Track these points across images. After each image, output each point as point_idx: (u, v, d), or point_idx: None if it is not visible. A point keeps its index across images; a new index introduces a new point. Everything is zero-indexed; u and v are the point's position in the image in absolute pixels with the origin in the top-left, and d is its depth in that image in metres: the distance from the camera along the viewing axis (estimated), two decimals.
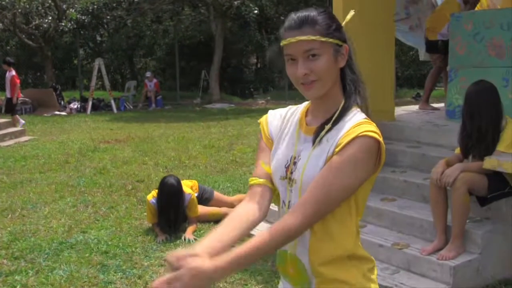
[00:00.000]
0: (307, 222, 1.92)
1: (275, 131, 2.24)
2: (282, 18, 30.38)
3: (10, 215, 7.31)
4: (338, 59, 2.04)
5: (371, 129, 1.96)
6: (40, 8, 27.61)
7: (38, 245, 6.11)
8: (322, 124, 2.06)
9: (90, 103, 21.68)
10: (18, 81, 16.41)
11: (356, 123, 1.99)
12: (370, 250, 5.26)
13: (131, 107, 23.40)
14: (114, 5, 27.65)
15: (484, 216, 5.19)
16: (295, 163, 2.09)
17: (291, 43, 2.00)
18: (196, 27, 30.76)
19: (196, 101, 24.96)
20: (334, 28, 2.03)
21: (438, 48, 8.54)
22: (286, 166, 2.11)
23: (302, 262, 2.08)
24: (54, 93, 22.59)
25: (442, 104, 9.34)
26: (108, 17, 29.00)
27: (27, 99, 21.81)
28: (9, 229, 6.74)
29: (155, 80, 24.01)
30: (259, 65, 34.47)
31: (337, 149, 1.96)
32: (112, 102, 22.05)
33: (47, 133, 15.29)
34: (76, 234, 6.47)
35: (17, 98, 16.60)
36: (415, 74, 29.51)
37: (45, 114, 20.63)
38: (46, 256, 5.81)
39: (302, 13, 2.04)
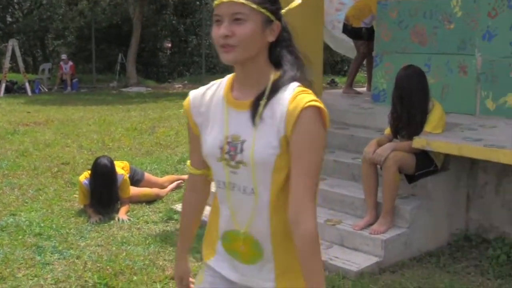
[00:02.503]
0: (315, 207, 2.01)
1: (201, 113, 2.19)
2: (198, 2, 30.41)
3: None
4: (266, 32, 2.02)
5: (311, 98, 1.96)
6: None
7: None
8: (256, 99, 2.03)
9: (3, 85, 21.09)
10: None
11: (293, 95, 1.97)
12: None
13: (46, 89, 22.91)
14: None
15: (410, 193, 5.46)
16: (228, 143, 2.06)
17: (222, 3, 1.98)
18: (112, 9, 30.36)
19: (112, 84, 24.69)
20: (269, 1, 2.02)
21: (362, 35, 8.81)
22: (221, 147, 2.08)
23: (256, 238, 2.10)
24: None
25: (364, 89, 9.68)
26: None
27: None
28: None
29: (70, 63, 23.54)
30: (174, 49, 34.32)
31: (289, 128, 1.96)
32: (27, 84, 21.53)
33: None
34: (5, 217, 6.36)
35: None
36: (328, 61, 30.16)
37: None
38: None
39: None
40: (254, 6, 1.98)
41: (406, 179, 5.33)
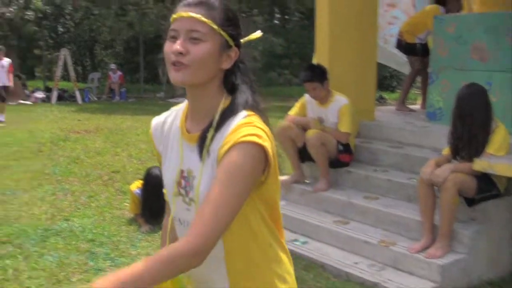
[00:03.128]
0: (207, 243, 1.70)
1: (160, 142, 2.06)
2: (243, 15, 30.48)
3: None
4: (223, 58, 1.87)
5: (251, 132, 1.76)
6: None
7: (24, 231, 6.09)
8: (203, 132, 1.87)
9: (55, 93, 21.45)
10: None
11: (234, 127, 1.79)
12: (354, 246, 5.41)
13: (95, 98, 23.24)
14: None
15: (470, 216, 5.29)
16: (184, 177, 1.92)
17: (181, 17, 1.83)
18: (160, 21, 30.60)
19: (159, 95, 24.89)
20: (230, 24, 1.88)
21: (417, 50, 8.70)
22: (177, 181, 1.94)
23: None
24: (19, 81, 22.31)
25: (417, 106, 9.55)
26: (71, 8, 28.72)
27: None
28: None
29: (119, 73, 23.88)
30: None
31: (218, 160, 1.78)
32: (77, 93, 21.86)
33: (14, 122, 15.11)
34: (60, 222, 6.45)
35: None
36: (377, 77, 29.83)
37: (10, 103, 20.30)
38: (33, 242, 5.80)
39: None
40: (215, 26, 1.83)
41: (465, 202, 5.17)
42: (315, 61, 7.27)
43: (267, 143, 1.78)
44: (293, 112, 6.77)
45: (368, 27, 7.24)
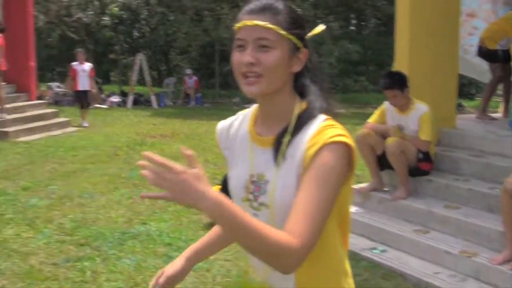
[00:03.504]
0: (307, 245, 1.63)
1: (227, 146, 2.03)
2: (319, 21, 30.44)
3: (68, 203, 7.43)
4: (293, 61, 1.83)
5: (337, 133, 1.75)
6: (82, 2, 27.94)
7: (101, 234, 6.20)
8: (279, 136, 1.83)
9: (131, 98, 21.84)
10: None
11: (318, 129, 1.77)
12: (435, 256, 5.29)
13: (171, 103, 23.57)
14: (157, 1, 27.88)
15: None
16: (253, 182, 1.88)
17: (246, 26, 1.79)
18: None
19: (235, 100, 25.02)
20: (297, 26, 1.83)
21: (498, 57, 8.47)
22: (245, 186, 1.90)
23: None
24: (96, 85, 22.79)
25: (499, 114, 9.29)
26: (146, 13, 29.25)
27: (68, 91, 22.06)
28: (70, 216, 6.85)
29: (194, 78, 24.16)
30: None
31: (305, 163, 1.74)
32: (153, 97, 22.20)
33: (91, 125, 15.44)
34: (137, 225, 6.55)
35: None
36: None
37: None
38: (110, 244, 5.90)
39: (267, 0, 1.84)
40: (283, 32, 1.79)
41: None
42: (395, 68, 7.18)
43: (352, 143, 1.76)
44: (372, 119, 6.72)
45: (449, 35, 7.14)
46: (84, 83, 15.81)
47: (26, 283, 4.99)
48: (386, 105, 6.61)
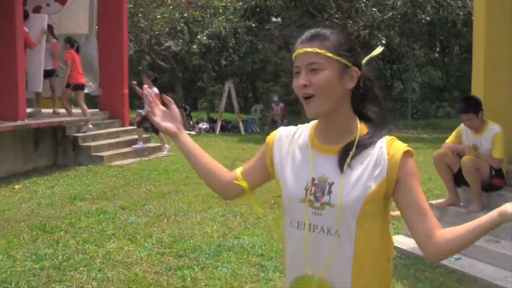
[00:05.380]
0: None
1: (280, 152, 2.26)
2: (406, 50, 30.41)
3: (165, 220, 7.84)
4: (345, 79, 2.05)
5: (404, 144, 2.10)
6: (172, 31, 28.81)
7: (198, 247, 6.58)
8: (346, 148, 2.08)
9: (219, 124, 22.39)
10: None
11: (388, 142, 2.09)
12: (505, 263, 5.67)
13: (258, 129, 23.98)
14: (245, 30, 28.50)
15: None
16: (315, 184, 2.09)
17: (299, 54, 2.06)
18: None
19: None
20: (344, 48, 2.06)
21: None
22: (306, 188, 2.11)
23: (332, 285, 2.08)
24: (184, 113, 23.46)
25: None
26: (234, 41, 29.88)
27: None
28: (167, 232, 7.25)
29: (281, 105, 24.57)
30: None
31: (394, 171, 2.05)
32: (240, 123, 22.69)
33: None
34: (231, 239, 6.91)
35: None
36: None
37: None
38: (207, 255, 6.27)
39: (316, 30, 2.10)
40: (330, 54, 2.03)
41: None
42: (472, 93, 7.48)
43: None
44: (449, 140, 7.12)
45: None
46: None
47: None
48: (462, 126, 7.00)
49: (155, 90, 14.34)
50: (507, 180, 6.86)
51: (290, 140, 2.25)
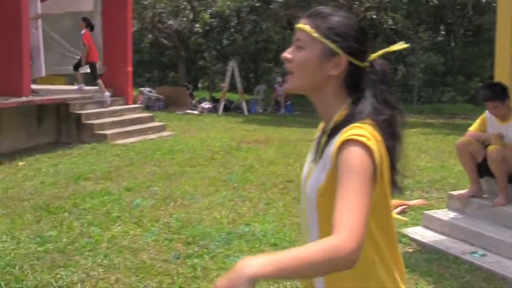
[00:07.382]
0: (355, 237, 1.67)
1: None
2: (411, 32, 30.12)
3: (172, 204, 7.61)
4: (327, 64, 1.92)
5: (358, 132, 1.80)
6: (175, 9, 28.51)
7: (208, 233, 6.33)
8: (319, 137, 2.01)
9: (222, 104, 22.14)
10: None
11: (345, 129, 1.84)
12: None
13: (261, 110, 23.76)
14: (249, 10, 28.18)
15: None
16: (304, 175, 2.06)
17: (295, 28, 2.00)
18: None
19: None
20: (336, 33, 1.92)
21: None
22: (304, 178, 2.06)
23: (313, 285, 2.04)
24: (187, 91, 23.24)
25: None
26: (236, 21, 29.60)
27: (160, 96, 22.63)
28: (174, 216, 7.01)
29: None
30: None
31: (333, 162, 1.83)
32: (244, 104, 22.44)
33: (185, 130, 15.78)
34: (241, 226, 6.66)
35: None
36: None
37: (177, 112, 21.19)
38: (217, 243, 6.02)
39: (320, 8, 1.99)
40: (316, 35, 1.93)
41: None
42: (496, 79, 7.15)
43: (374, 146, 1.79)
44: (473, 128, 6.75)
45: None
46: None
47: (140, 277, 5.16)
48: (486, 113, 6.63)
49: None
50: None
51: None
